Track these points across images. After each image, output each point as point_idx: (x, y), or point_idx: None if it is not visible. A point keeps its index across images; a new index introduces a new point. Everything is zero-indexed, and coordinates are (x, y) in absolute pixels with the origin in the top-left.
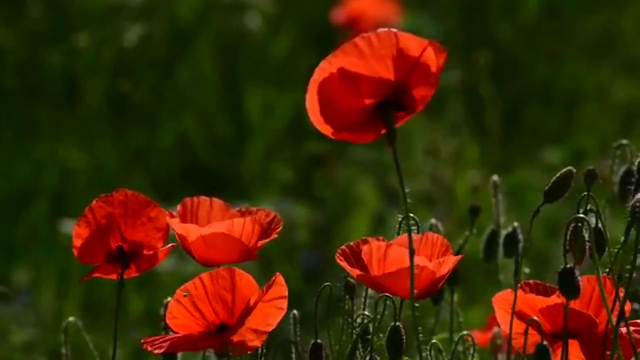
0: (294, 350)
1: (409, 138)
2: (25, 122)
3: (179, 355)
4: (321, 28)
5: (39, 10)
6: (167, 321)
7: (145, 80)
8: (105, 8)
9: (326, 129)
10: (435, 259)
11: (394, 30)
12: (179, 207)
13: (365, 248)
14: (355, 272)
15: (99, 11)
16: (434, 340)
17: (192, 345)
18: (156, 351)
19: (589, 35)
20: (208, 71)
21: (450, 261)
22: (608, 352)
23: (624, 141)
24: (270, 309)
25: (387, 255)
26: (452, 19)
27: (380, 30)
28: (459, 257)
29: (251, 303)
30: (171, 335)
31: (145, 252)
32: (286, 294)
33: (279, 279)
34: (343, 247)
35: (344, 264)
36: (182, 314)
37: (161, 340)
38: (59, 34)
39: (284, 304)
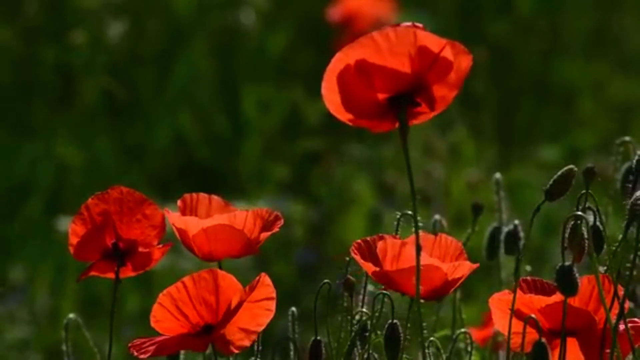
0: (292, 348)
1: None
2: (22, 119)
3: (181, 353)
4: (317, 26)
5: (35, 7)
6: (152, 324)
7: (142, 77)
8: (101, 5)
9: (343, 116)
10: (448, 261)
11: (414, 27)
12: (179, 203)
13: (380, 244)
14: (368, 266)
15: (95, 8)
16: (432, 338)
17: (178, 347)
18: (142, 356)
19: (585, 32)
20: (204, 68)
21: (465, 267)
22: (607, 350)
23: (627, 138)
24: (258, 310)
25: (401, 252)
26: (447, 17)
27: (400, 26)
28: (476, 265)
29: (235, 304)
30: (157, 338)
31: (140, 249)
32: (274, 295)
33: (265, 279)
34: (358, 240)
35: (357, 257)
36: (166, 318)
37: (148, 343)
38: (55, 31)
39: (272, 305)
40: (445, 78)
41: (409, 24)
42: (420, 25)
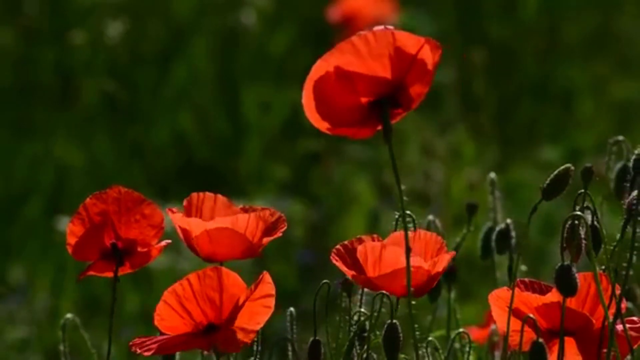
0: (290, 348)
1: (404, 136)
2: (22, 119)
3: (177, 353)
4: (318, 26)
5: (35, 7)
6: (156, 323)
7: (142, 77)
8: (101, 6)
9: (322, 126)
10: (429, 256)
11: (391, 28)
12: (185, 202)
13: (360, 249)
14: (350, 272)
15: (95, 9)
16: (430, 338)
17: (180, 346)
18: (145, 354)
19: (585, 33)
20: (204, 68)
21: (444, 259)
22: (604, 350)
23: (620, 137)
24: (258, 308)
25: (382, 256)
26: (447, 17)
27: (377, 28)
28: (452, 253)
29: (239, 302)
30: (159, 336)
31: (139, 249)
32: (273, 292)
33: (266, 277)
34: (338, 246)
35: (339, 264)
36: (170, 315)
37: (150, 342)
38: (55, 31)
39: (272, 302)
40: (424, 75)
41: (382, 26)
42: (391, 27)
